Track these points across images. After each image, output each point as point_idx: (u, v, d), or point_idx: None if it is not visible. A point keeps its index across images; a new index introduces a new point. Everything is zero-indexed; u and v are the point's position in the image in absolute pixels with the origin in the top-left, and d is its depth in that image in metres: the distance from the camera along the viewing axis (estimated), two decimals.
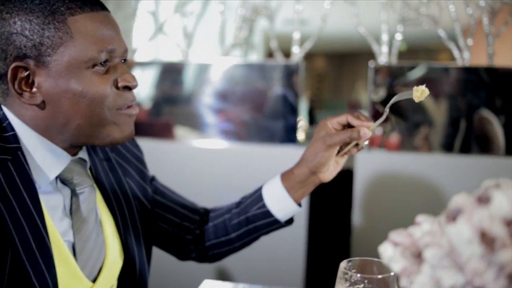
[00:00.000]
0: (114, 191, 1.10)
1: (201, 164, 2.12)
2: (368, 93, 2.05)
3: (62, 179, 0.98)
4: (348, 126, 1.07)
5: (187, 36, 2.21)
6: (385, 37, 2.06)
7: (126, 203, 1.12)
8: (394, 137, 2.11)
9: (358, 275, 0.79)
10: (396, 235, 0.59)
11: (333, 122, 1.07)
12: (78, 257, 0.96)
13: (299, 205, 1.15)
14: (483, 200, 0.49)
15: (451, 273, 0.52)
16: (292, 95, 2.07)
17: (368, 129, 1.02)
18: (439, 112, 2.06)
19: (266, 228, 1.18)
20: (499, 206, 0.48)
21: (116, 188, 1.11)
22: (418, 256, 0.56)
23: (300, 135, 2.18)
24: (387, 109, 1.01)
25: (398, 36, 2.07)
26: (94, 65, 0.91)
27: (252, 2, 2.32)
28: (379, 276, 0.78)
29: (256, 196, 1.17)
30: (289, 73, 2.07)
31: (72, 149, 0.99)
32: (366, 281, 0.79)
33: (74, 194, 0.98)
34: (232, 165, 2.10)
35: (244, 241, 1.22)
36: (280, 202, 1.14)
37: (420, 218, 0.59)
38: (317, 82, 9.99)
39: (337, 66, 10.07)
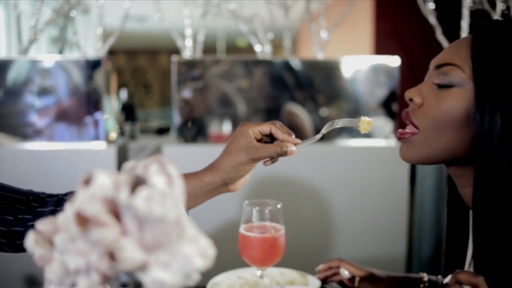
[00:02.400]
0: None
1: (12, 168, 1.99)
2: (172, 88, 2.05)
3: None
4: (269, 136, 1.01)
5: None
6: (188, 32, 2.08)
7: None
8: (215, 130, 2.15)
9: None
10: (40, 223, 0.57)
11: (255, 131, 0.99)
12: None
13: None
14: (88, 181, 0.49)
15: (74, 256, 0.51)
16: (97, 91, 2.01)
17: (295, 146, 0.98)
18: (244, 105, 2.13)
19: None
20: (100, 186, 0.49)
21: None
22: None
23: (112, 132, 2.14)
24: (323, 132, 0.99)
25: (202, 31, 2.10)
26: None
27: None
28: None
29: None
30: (92, 69, 2.02)
31: None
32: None
33: None
34: (44, 167, 2.00)
35: None
36: None
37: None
38: (162, 80, 9.95)
39: None
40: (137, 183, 0.49)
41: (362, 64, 2.19)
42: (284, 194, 2.07)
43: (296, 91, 2.16)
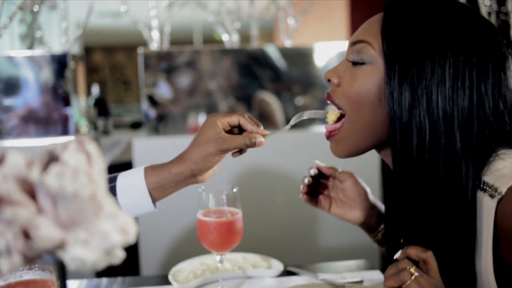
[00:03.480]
0: None
1: None
2: (139, 80, 2.05)
3: None
4: (237, 127, 1.01)
5: None
6: (154, 23, 2.07)
7: None
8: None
9: None
10: None
11: (224, 123, 0.98)
12: None
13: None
14: (0, 161, 0.49)
15: None
16: (63, 86, 2.00)
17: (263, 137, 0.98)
18: (214, 95, 2.12)
19: None
20: (12, 164, 0.49)
21: None
22: None
23: (83, 126, 2.13)
24: (291, 123, 1.00)
25: (168, 22, 2.09)
26: None
27: None
28: None
29: (108, 188, 1.03)
30: (58, 64, 2.00)
31: None
32: None
33: None
34: None
35: None
36: (136, 201, 0.98)
37: None
38: None
39: None
40: (51, 161, 0.49)
41: (333, 51, 2.19)
42: (257, 182, 2.08)
43: (267, 79, 2.16)
